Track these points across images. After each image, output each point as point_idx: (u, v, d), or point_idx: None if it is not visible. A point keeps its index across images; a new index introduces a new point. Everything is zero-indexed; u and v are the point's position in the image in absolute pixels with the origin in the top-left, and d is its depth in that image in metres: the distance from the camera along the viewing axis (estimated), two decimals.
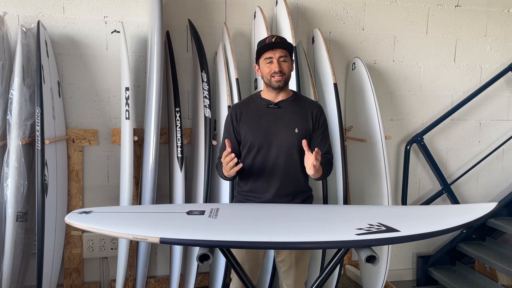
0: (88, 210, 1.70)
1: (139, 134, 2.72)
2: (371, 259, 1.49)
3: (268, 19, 2.80)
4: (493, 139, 3.49)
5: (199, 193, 2.58)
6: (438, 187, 3.38)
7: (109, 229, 1.51)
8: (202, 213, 1.73)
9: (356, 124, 3.00)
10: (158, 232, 1.48)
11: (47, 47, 2.53)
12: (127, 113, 2.50)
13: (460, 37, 3.34)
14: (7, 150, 2.34)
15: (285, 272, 2.09)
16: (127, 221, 1.67)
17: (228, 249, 1.67)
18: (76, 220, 1.58)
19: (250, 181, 2.02)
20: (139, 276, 2.63)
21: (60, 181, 2.61)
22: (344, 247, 1.62)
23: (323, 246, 2.21)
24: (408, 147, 3.27)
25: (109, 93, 2.82)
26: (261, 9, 2.74)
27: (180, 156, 2.58)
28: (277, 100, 2.02)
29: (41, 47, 2.34)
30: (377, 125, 2.70)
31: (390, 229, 1.52)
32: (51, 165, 2.42)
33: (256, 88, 2.78)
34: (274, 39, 1.97)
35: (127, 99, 2.50)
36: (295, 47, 2.57)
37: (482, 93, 3.35)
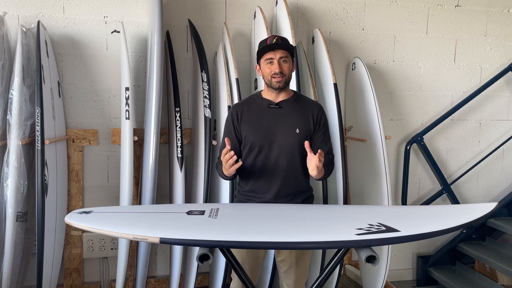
0: (88, 210, 1.70)
1: (139, 134, 2.72)
2: (371, 259, 1.49)
3: (268, 19, 2.80)
4: (493, 139, 3.49)
5: (199, 193, 2.58)
6: (438, 187, 3.38)
7: (109, 229, 1.51)
8: (202, 213, 1.74)
9: (356, 124, 3.00)
10: (158, 232, 1.48)
11: (47, 47, 2.53)
12: (127, 113, 2.50)
13: (460, 37, 3.34)
14: (7, 150, 2.34)
15: (285, 272, 2.09)
16: (127, 221, 1.67)
17: (228, 249, 1.67)
18: (76, 220, 1.58)
19: (251, 181, 2.02)
20: (139, 276, 2.63)
21: (60, 181, 2.61)
22: (344, 247, 1.62)
23: (323, 246, 2.21)
24: (408, 147, 3.27)
25: (109, 93, 2.82)
26: (261, 9, 2.74)
27: (180, 156, 2.58)
28: (278, 100, 2.02)
29: (41, 47, 2.34)
30: (377, 125, 2.70)
31: (390, 229, 1.52)
32: (51, 165, 2.42)
33: (256, 88, 2.78)
34: (275, 40, 1.96)
35: (127, 99, 2.50)
36: (295, 47, 2.57)
37: (482, 93, 3.35)
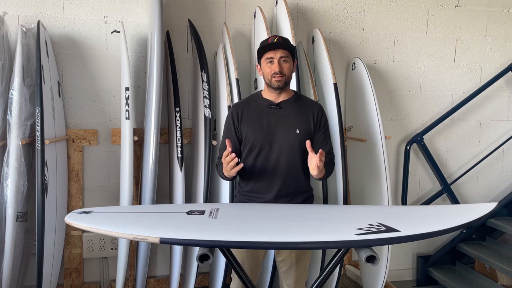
0: (88, 210, 1.70)
1: (139, 134, 2.72)
2: (371, 259, 1.49)
3: (268, 19, 2.80)
4: (493, 139, 3.49)
5: (199, 193, 2.58)
6: (438, 187, 3.38)
7: (109, 229, 1.51)
8: (202, 213, 1.74)
9: (356, 124, 3.00)
10: (158, 232, 1.48)
11: (47, 47, 2.53)
12: (127, 113, 2.50)
13: (460, 37, 3.34)
14: (7, 150, 2.34)
15: (285, 272, 2.09)
16: (127, 221, 1.67)
17: (228, 249, 1.67)
18: (76, 220, 1.58)
19: (251, 181, 2.02)
20: (139, 276, 2.63)
21: (60, 181, 2.61)
22: (344, 247, 1.62)
23: (323, 246, 2.21)
24: (408, 147, 3.27)
25: (109, 93, 2.82)
26: (261, 9, 2.74)
27: (180, 156, 2.58)
28: (278, 101, 2.02)
29: (41, 47, 2.34)
30: (377, 125, 2.70)
31: (390, 229, 1.52)
32: (51, 165, 2.42)
33: (256, 88, 2.78)
34: (276, 39, 1.97)
35: (127, 99, 2.50)
36: (295, 47, 2.57)
37: (482, 93, 3.35)
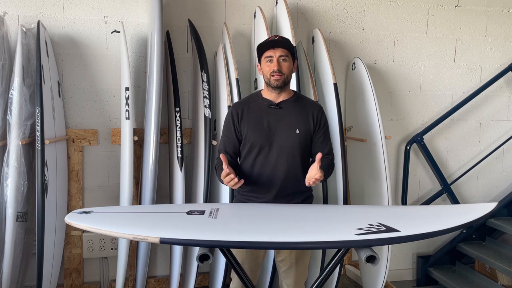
0: (88, 210, 1.70)
1: (139, 134, 2.72)
2: (371, 259, 1.49)
3: (268, 19, 2.80)
4: (493, 139, 3.49)
5: (199, 193, 2.58)
6: (438, 187, 3.38)
7: (109, 229, 1.51)
8: (202, 213, 1.74)
9: (356, 124, 3.00)
10: (158, 232, 1.48)
11: (47, 47, 2.53)
12: (127, 113, 2.50)
13: (460, 37, 3.34)
14: (7, 150, 2.34)
15: (285, 271, 2.09)
16: (127, 221, 1.67)
17: (228, 249, 1.67)
18: (76, 220, 1.58)
19: (251, 181, 2.01)
20: (139, 276, 2.63)
21: (60, 181, 2.61)
22: (344, 247, 1.62)
23: (323, 246, 2.21)
24: (408, 147, 3.27)
25: (109, 93, 2.82)
26: (261, 9, 2.74)
27: (180, 156, 2.58)
28: (278, 100, 2.02)
29: (41, 47, 2.34)
30: (377, 125, 2.70)
31: (390, 229, 1.52)
32: (51, 165, 2.42)
33: (256, 88, 2.78)
34: (276, 38, 1.97)
35: (127, 99, 2.50)
36: (295, 47, 2.57)
37: (482, 93, 3.35)
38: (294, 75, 2.52)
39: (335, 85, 2.67)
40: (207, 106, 2.54)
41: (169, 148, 2.83)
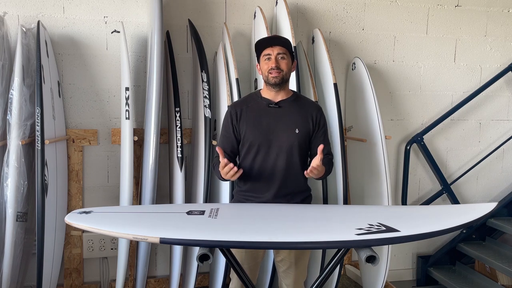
0: (88, 210, 1.70)
1: (139, 134, 2.72)
2: (371, 259, 1.49)
3: (268, 19, 2.80)
4: (493, 139, 3.49)
5: (199, 193, 2.58)
6: (438, 187, 3.38)
7: (109, 229, 1.51)
8: (202, 213, 1.74)
9: (356, 124, 3.00)
10: (158, 232, 1.48)
11: (47, 47, 2.53)
12: (127, 113, 2.50)
13: (460, 37, 3.34)
14: (7, 150, 2.34)
15: (284, 271, 2.09)
16: (127, 221, 1.67)
17: (228, 249, 1.67)
18: (76, 220, 1.58)
19: (249, 181, 2.02)
20: (139, 276, 2.63)
21: (60, 181, 2.61)
22: (344, 247, 1.62)
23: (323, 246, 2.21)
24: (408, 147, 3.27)
25: (109, 93, 2.82)
26: (261, 9, 2.74)
27: (180, 156, 2.58)
28: (277, 100, 2.02)
29: (41, 47, 2.34)
30: (377, 125, 2.70)
31: (390, 229, 1.52)
32: (51, 165, 2.42)
33: (256, 88, 2.78)
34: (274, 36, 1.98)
35: (127, 99, 2.50)
36: (295, 47, 2.57)
37: (482, 93, 3.35)
38: (294, 75, 2.53)
39: (335, 85, 2.67)
40: (207, 106, 2.54)
41: (169, 148, 2.83)
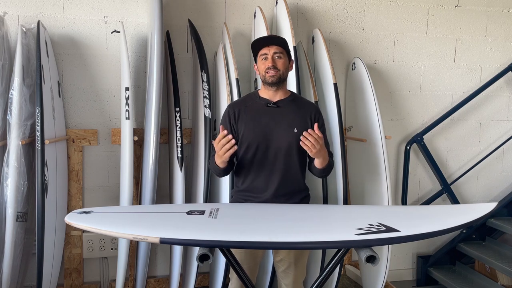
0: (88, 210, 1.70)
1: (139, 134, 2.72)
2: (371, 259, 1.49)
3: (268, 19, 2.80)
4: (493, 139, 3.49)
5: (199, 193, 2.58)
6: (438, 187, 3.38)
7: (109, 229, 1.51)
8: (202, 213, 1.74)
9: (356, 124, 3.00)
10: (158, 232, 1.48)
11: (47, 47, 2.53)
12: (127, 113, 2.50)
13: (460, 37, 3.34)
14: (7, 150, 2.34)
15: (283, 271, 2.09)
16: (127, 221, 1.67)
17: (228, 249, 1.67)
18: (76, 220, 1.58)
19: (247, 180, 2.02)
20: (139, 276, 2.63)
21: (60, 181, 2.61)
22: (344, 247, 1.62)
23: (323, 246, 2.21)
24: (408, 147, 3.27)
25: (109, 93, 2.82)
26: (261, 9, 2.74)
27: (180, 156, 2.58)
28: (275, 100, 2.02)
29: (41, 47, 2.34)
30: (377, 125, 2.70)
31: (390, 229, 1.52)
32: (51, 165, 2.42)
33: (256, 88, 2.78)
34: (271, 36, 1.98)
35: (127, 99, 2.50)
36: (295, 47, 2.57)
37: (482, 93, 3.35)
38: (294, 75, 2.54)
39: (335, 85, 2.67)
40: (207, 106, 2.54)
41: (169, 148, 2.83)
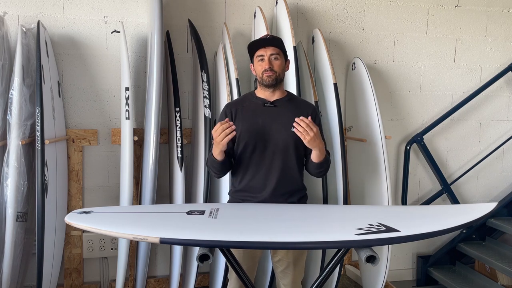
0: (88, 210, 1.70)
1: (139, 134, 2.72)
2: (371, 259, 1.49)
3: (268, 19, 2.80)
4: (493, 139, 3.49)
5: (199, 193, 2.58)
6: (438, 187, 3.38)
7: (109, 229, 1.51)
8: (202, 213, 1.74)
9: (356, 124, 3.00)
10: (158, 232, 1.48)
11: (47, 47, 2.53)
12: (127, 113, 2.50)
13: (460, 37, 3.34)
14: (7, 150, 2.34)
15: (282, 271, 2.08)
16: (127, 221, 1.67)
17: (228, 249, 1.67)
18: (76, 220, 1.58)
19: (245, 180, 2.02)
20: (139, 276, 2.63)
21: (60, 181, 2.61)
22: (344, 247, 1.62)
23: (323, 246, 2.21)
24: (408, 147, 3.27)
25: (109, 93, 2.82)
26: (261, 9, 2.74)
27: (180, 156, 2.58)
28: (272, 99, 2.03)
29: (41, 47, 2.34)
30: (377, 125, 2.70)
31: (390, 229, 1.52)
32: (51, 165, 2.42)
33: (256, 88, 2.77)
34: (267, 37, 1.98)
35: (127, 99, 2.50)
36: (295, 47, 2.57)
37: (482, 93, 3.35)
38: (294, 75, 2.54)
39: (335, 85, 2.67)
40: (207, 106, 2.55)
41: (169, 148, 2.83)
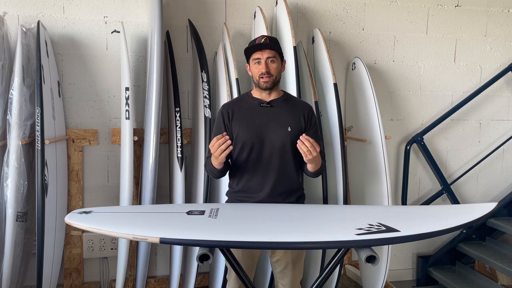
0: (88, 210, 1.70)
1: (139, 134, 2.72)
2: (371, 259, 1.49)
3: (268, 19, 2.80)
4: (493, 139, 3.49)
5: (199, 193, 2.58)
6: (438, 187, 3.38)
7: (109, 229, 1.51)
8: (202, 213, 1.74)
9: (356, 124, 3.00)
10: (158, 232, 1.48)
11: (47, 47, 2.53)
12: (127, 113, 2.50)
13: (460, 37, 3.34)
14: (7, 150, 2.34)
15: (281, 272, 2.08)
16: (127, 221, 1.67)
17: (228, 249, 1.67)
18: (76, 220, 1.58)
19: (242, 181, 2.02)
20: (139, 276, 2.63)
21: (60, 181, 2.61)
22: (344, 247, 1.62)
23: (323, 246, 2.21)
24: (408, 147, 3.27)
25: (109, 93, 2.82)
26: (261, 9, 2.74)
27: (180, 156, 2.58)
28: (268, 100, 2.03)
29: (41, 47, 2.34)
30: (377, 125, 2.70)
31: (390, 229, 1.52)
32: (51, 165, 2.42)
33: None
34: (263, 40, 1.97)
35: (127, 99, 2.50)
36: (295, 47, 2.57)
37: (482, 93, 3.35)
38: (294, 75, 2.54)
39: (335, 85, 2.67)
40: (207, 106, 2.55)
41: (169, 148, 2.83)
